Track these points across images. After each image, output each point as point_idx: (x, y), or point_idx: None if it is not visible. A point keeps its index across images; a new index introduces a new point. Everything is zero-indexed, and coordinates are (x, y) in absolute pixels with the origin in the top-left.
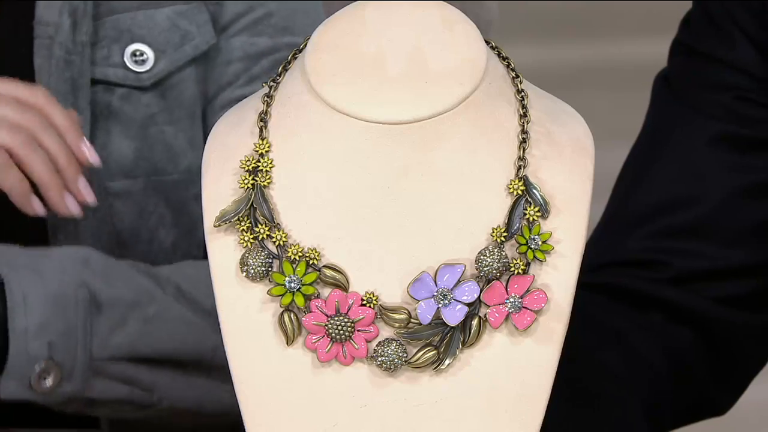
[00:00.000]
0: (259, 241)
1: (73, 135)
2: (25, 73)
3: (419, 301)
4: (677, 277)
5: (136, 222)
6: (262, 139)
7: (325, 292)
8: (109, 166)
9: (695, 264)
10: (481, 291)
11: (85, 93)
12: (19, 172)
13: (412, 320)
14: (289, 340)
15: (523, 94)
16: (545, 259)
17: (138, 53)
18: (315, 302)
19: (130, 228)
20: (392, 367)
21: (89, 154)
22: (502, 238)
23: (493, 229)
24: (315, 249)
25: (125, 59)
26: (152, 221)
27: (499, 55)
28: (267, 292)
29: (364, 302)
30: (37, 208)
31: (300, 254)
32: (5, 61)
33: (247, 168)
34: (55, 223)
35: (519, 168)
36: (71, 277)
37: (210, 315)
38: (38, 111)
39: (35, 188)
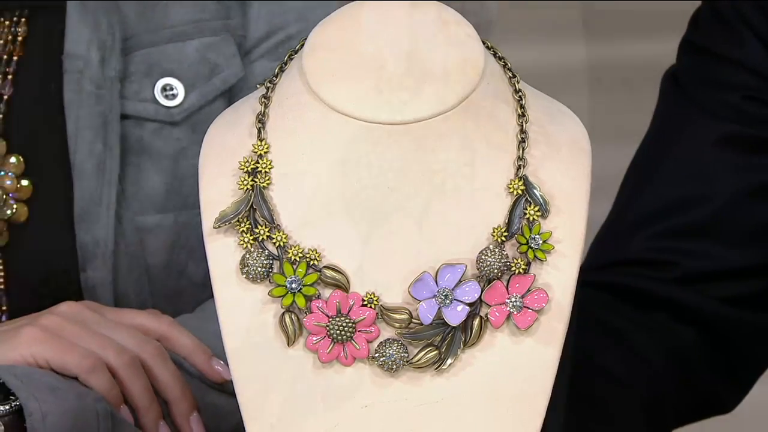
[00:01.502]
0: (259, 242)
1: (201, 356)
2: (55, 107)
3: (420, 301)
4: (683, 277)
5: (166, 256)
6: (261, 140)
7: (326, 292)
8: (140, 201)
9: (702, 264)
10: (482, 291)
11: (115, 128)
12: (111, 378)
13: (413, 320)
14: (290, 341)
15: (520, 94)
16: (546, 258)
17: (168, 87)
18: (316, 303)
19: (161, 262)
20: (394, 367)
21: (223, 371)
22: (503, 238)
23: (493, 228)
24: (315, 250)
25: (156, 94)
26: (182, 255)
27: (495, 55)
28: (268, 293)
29: (365, 303)
30: (125, 415)
31: (300, 255)
32: (35, 94)
33: (246, 169)
34: (84, 257)
35: (519, 168)
36: (89, 389)
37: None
38: (162, 339)
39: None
